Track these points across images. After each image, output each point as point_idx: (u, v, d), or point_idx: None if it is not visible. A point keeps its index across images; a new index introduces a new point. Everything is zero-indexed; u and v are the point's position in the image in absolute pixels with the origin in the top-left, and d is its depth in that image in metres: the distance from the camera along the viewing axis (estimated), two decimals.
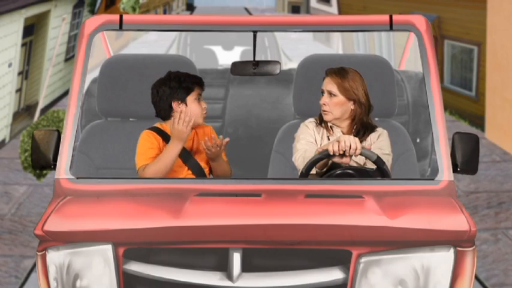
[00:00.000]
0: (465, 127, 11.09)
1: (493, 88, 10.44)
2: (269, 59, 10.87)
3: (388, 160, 4.21)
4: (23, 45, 10.77)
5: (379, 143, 4.28)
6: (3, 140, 10.15)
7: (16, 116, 10.70)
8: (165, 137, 4.33)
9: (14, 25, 10.25)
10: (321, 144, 4.29)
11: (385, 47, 12.85)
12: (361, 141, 4.13)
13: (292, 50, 12.90)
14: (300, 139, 4.32)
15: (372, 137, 4.31)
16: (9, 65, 10.24)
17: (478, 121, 10.99)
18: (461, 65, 11.93)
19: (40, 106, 11.63)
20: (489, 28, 10.52)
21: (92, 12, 13.78)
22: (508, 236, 6.98)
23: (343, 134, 4.30)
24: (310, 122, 4.38)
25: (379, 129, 4.34)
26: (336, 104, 4.25)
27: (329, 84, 4.28)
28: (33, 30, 11.21)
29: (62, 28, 12.12)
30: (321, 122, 4.35)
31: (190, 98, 4.35)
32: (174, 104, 4.35)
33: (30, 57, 11.22)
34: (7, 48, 10.12)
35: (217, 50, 10.99)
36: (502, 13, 10.09)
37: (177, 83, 4.34)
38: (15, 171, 8.84)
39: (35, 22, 11.23)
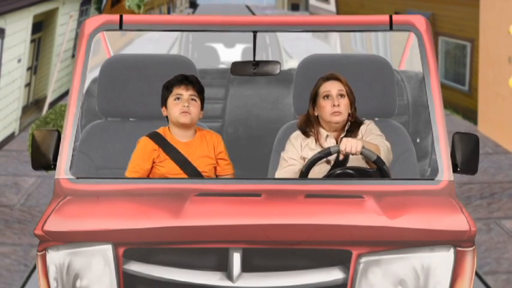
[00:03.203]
0: (458, 120, 11.14)
1: (486, 83, 10.44)
2: (270, 56, 10.80)
3: (383, 141, 4.11)
4: (32, 41, 10.79)
5: (369, 130, 4.19)
6: (13, 133, 10.16)
7: (25, 109, 10.72)
8: (164, 145, 4.16)
9: (23, 22, 10.25)
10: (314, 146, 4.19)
11: (382, 43, 12.76)
12: (353, 137, 4.08)
13: (291, 46, 12.86)
14: (286, 159, 4.20)
15: (362, 129, 4.23)
16: (19, 61, 10.25)
17: (471, 115, 11.01)
18: (455, 60, 11.96)
19: (48, 100, 11.65)
20: (482, 25, 10.53)
21: (99, 9, 13.76)
22: (500, 225, 6.97)
23: (334, 137, 4.21)
24: (295, 138, 4.23)
25: (366, 121, 4.26)
26: (346, 105, 4.16)
27: (338, 85, 4.16)
28: (41, 27, 11.24)
29: (69, 25, 12.12)
30: (307, 130, 4.21)
31: (170, 100, 4.14)
32: (163, 110, 4.20)
33: (39, 53, 11.26)
34: (17, 45, 10.13)
35: (219, 47, 10.91)
36: (494, 11, 10.08)
37: (164, 87, 4.17)
38: (24, 163, 8.80)
39: (44, 19, 11.25)
